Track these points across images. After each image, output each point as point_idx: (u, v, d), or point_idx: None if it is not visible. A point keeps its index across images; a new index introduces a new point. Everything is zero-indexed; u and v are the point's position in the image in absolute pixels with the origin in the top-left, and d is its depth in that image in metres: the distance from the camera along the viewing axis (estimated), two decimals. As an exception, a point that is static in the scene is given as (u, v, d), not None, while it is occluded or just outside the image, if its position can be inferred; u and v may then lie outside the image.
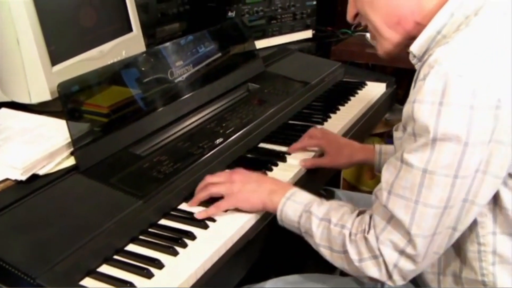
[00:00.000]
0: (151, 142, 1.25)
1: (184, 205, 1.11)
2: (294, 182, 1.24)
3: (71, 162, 1.12)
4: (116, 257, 0.96)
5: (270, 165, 1.27)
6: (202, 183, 1.13)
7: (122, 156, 1.18)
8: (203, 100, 1.45)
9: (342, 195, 1.50)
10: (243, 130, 1.35)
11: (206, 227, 1.04)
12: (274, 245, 1.13)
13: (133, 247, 0.99)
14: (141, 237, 1.01)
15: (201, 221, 1.05)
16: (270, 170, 1.26)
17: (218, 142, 1.28)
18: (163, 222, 1.06)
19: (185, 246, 0.98)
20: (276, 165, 1.28)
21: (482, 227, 0.96)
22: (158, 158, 1.18)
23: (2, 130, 1.19)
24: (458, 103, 0.83)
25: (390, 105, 1.92)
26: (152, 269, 0.92)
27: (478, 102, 0.83)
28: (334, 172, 1.65)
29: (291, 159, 1.31)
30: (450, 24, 0.94)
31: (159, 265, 0.93)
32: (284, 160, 1.30)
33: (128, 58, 1.37)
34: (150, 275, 0.91)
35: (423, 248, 0.90)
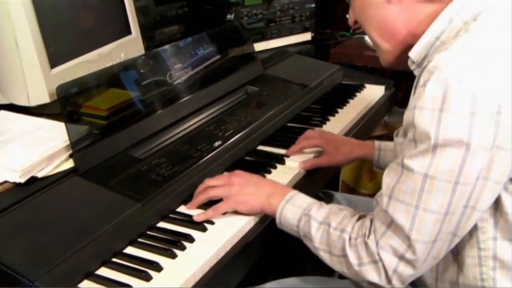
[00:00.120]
0: (150, 145, 1.25)
1: (182, 207, 1.12)
2: (293, 185, 1.24)
3: (70, 164, 1.12)
4: (114, 259, 0.96)
5: (268, 167, 1.27)
6: (202, 186, 1.13)
7: (121, 158, 1.17)
8: (202, 102, 1.45)
9: (341, 198, 1.50)
10: (242, 132, 1.35)
11: (204, 230, 1.04)
12: (272, 247, 1.13)
13: (131, 250, 0.99)
14: (139, 239, 1.01)
15: (199, 223, 1.05)
16: (269, 173, 1.26)
17: (216, 144, 1.28)
18: (162, 224, 1.06)
19: (183, 248, 0.98)
20: (274, 167, 1.28)
21: (483, 232, 0.95)
22: (156, 160, 1.18)
23: (1, 132, 1.19)
24: (458, 110, 0.83)
25: (389, 107, 1.92)
26: (150, 271, 0.92)
27: (478, 108, 0.83)
28: (333, 173, 1.65)
29: (290, 162, 1.31)
30: (449, 30, 0.94)
31: (158, 267, 0.93)
32: (282, 162, 1.30)
33: (127, 61, 1.37)
34: (148, 278, 0.91)
35: (423, 253, 0.90)
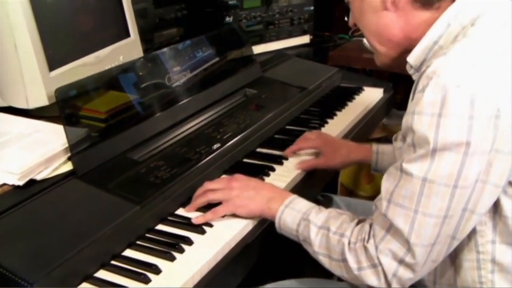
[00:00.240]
0: (149, 148, 1.25)
1: (181, 210, 1.11)
2: (291, 187, 1.24)
3: (69, 167, 1.12)
4: (113, 262, 0.96)
5: (267, 170, 1.27)
6: (201, 189, 1.13)
7: (120, 161, 1.17)
8: (201, 105, 1.45)
9: (340, 201, 1.50)
10: (241, 135, 1.35)
11: (203, 233, 1.04)
12: (271, 250, 1.13)
13: (130, 253, 0.99)
14: (138, 242, 1.01)
15: (198, 226, 1.05)
16: (267, 176, 1.26)
17: (215, 147, 1.28)
18: (160, 227, 1.06)
19: (182, 251, 0.98)
20: (273, 170, 1.28)
21: (482, 236, 0.95)
22: (155, 163, 1.18)
23: (0, 135, 1.19)
24: (457, 114, 0.83)
25: (388, 110, 1.92)
26: (149, 274, 0.92)
27: (477, 112, 0.83)
28: (331, 176, 1.65)
29: (288, 164, 1.32)
30: (447, 34, 0.94)
31: (156, 270, 0.93)
32: (281, 165, 1.30)
33: (125, 64, 1.37)
34: (147, 280, 0.91)
35: (422, 257, 0.90)
